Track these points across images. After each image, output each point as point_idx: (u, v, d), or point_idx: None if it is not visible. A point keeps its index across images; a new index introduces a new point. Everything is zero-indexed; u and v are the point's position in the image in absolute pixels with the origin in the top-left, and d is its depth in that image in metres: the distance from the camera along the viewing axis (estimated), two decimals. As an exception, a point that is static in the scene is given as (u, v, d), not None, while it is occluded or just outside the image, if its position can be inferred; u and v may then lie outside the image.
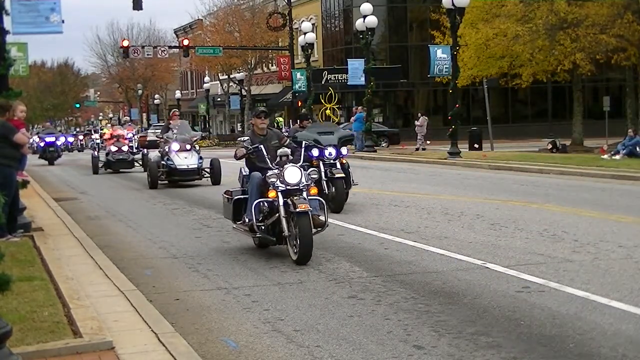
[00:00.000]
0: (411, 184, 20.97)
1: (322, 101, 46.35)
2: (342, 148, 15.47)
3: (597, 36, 35.59)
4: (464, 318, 7.30)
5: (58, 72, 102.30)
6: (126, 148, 28.96)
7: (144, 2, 48.14)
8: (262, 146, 10.81)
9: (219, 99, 74.28)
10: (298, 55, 52.26)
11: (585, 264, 9.48)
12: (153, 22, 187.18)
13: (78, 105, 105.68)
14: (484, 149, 37.84)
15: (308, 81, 44.60)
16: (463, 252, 10.36)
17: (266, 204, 10.41)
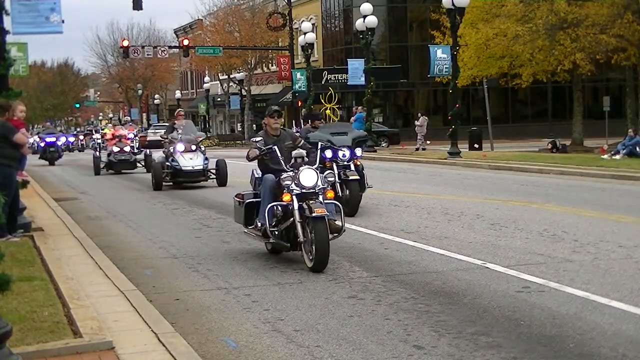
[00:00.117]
0: (411, 184, 20.97)
1: (322, 101, 46.29)
2: (357, 149, 14.93)
3: (597, 36, 35.60)
4: (464, 318, 7.30)
5: (58, 72, 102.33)
6: (128, 149, 28.38)
7: (144, 2, 48.20)
8: (276, 147, 10.37)
9: (219, 99, 74.29)
10: (298, 55, 52.28)
11: (585, 264, 9.48)
12: (153, 22, 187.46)
13: (78, 105, 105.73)
14: (484, 149, 37.84)
15: (308, 81, 44.61)
16: (463, 252, 10.36)
17: (280, 208, 9.98)
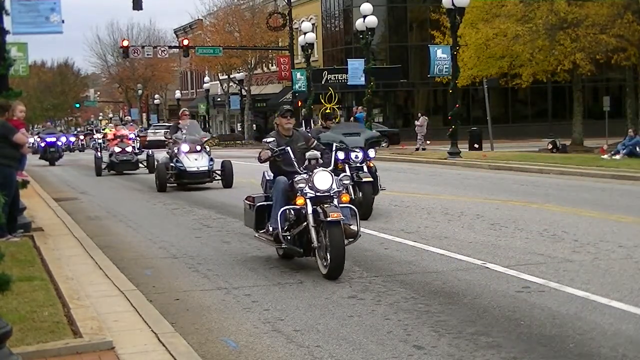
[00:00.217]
0: (411, 184, 20.97)
1: (322, 101, 46.20)
2: (370, 150, 14.54)
3: (597, 36, 35.59)
4: (464, 318, 7.30)
5: (58, 72, 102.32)
6: (130, 149, 28.02)
7: (144, 2, 48.24)
8: (289, 148, 9.99)
9: (219, 99, 74.25)
10: (298, 55, 52.27)
11: (585, 264, 9.47)
12: (153, 22, 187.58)
13: (78, 105, 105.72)
14: (484, 149, 37.84)
15: (308, 81, 44.62)
16: (463, 252, 10.36)
17: (293, 212, 9.58)
